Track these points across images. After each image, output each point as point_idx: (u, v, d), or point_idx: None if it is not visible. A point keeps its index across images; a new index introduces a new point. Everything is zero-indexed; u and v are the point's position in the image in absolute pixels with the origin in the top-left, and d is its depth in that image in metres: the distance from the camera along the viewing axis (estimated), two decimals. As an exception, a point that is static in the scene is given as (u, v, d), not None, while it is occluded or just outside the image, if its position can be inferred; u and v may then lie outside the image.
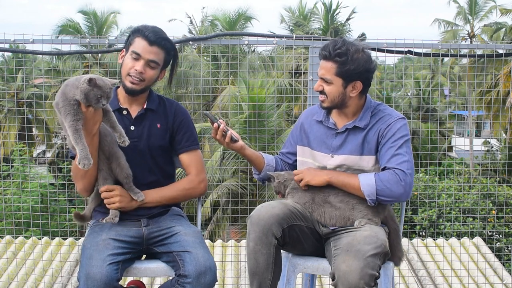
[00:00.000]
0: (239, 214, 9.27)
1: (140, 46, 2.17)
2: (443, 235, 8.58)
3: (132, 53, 2.17)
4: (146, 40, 2.17)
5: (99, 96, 1.93)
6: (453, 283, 4.56)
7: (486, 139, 19.19)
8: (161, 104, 2.31)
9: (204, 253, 2.01)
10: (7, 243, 5.10)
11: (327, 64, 2.14)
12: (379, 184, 2.04)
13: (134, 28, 2.25)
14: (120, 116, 2.23)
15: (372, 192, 2.05)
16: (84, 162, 1.94)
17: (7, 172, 10.19)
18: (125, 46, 2.24)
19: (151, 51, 2.17)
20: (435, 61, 22.74)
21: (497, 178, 11.54)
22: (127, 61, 2.19)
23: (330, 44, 2.14)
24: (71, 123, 1.95)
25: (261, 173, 2.38)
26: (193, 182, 2.28)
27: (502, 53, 3.60)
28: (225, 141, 2.22)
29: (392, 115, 2.19)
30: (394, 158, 2.08)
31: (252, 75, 13.82)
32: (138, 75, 2.16)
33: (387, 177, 2.05)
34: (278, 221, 2.03)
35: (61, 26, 20.42)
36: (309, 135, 2.31)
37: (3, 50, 3.58)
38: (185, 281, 1.95)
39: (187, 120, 2.33)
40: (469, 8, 22.54)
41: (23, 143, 13.92)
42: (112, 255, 1.96)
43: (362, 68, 2.12)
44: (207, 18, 21.66)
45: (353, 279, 1.84)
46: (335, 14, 22.55)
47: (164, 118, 2.29)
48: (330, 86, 2.15)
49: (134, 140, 2.19)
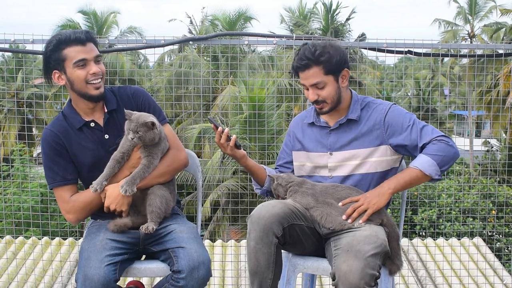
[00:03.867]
0: (239, 214, 9.27)
1: (77, 52, 2.06)
2: (443, 235, 8.58)
3: (76, 64, 2.06)
4: (77, 44, 2.07)
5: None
6: (453, 283, 4.56)
7: (486, 139, 19.20)
8: (116, 98, 2.22)
9: (197, 247, 2.00)
10: (7, 243, 5.10)
11: (313, 70, 2.16)
12: (436, 157, 2.09)
13: (49, 49, 2.09)
14: (90, 130, 2.15)
15: (437, 168, 2.09)
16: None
17: (7, 172, 10.18)
18: (55, 68, 2.10)
19: (90, 49, 2.10)
20: (435, 61, 22.76)
21: (497, 178, 11.53)
22: (76, 74, 2.07)
23: (304, 53, 2.15)
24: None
25: (265, 185, 2.36)
26: (174, 155, 2.21)
27: (502, 53, 3.60)
28: (229, 146, 2.21)
29: (384, 104, 2.24)
30: (423, 132, 2.14)
31: (252, 75, 13.83)
32: (96, 77, 2.10)
33: (437, 148, 2.10)
34: (279, 220, 2.03)
35: (61, 26, 20.39)
36: (303, 140, 2.34)
37: (3, 50, 3.58)
38: (179, 277, 1.94)
39: (146, 98, 2.25)
40: (469, 8, 22.54)
41: (23, 143, 13.93)
42: (109, 256, 1.95)
43: (342, 55, 2.17)
44: (207, 18, 21.65)
45: (353, 279, 1.84)
46: (335, 14, 22.51)
47: (127, 109, 2.19)
48: (326, 88, 2.17)
49: (114, 147, 2.15)
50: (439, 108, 22.17)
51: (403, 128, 2.17)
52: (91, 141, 2.15)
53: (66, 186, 2.14)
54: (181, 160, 2.24)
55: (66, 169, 2.13)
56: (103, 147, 2.16)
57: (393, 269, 2.10)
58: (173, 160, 2.20)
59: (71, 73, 2.09)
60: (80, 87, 2.10)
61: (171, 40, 3.45)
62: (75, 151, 2.14)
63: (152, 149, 2.12)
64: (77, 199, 2.13)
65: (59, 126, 2.16)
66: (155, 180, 2.14)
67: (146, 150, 2.12)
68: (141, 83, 16.67)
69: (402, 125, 2.17)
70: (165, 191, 2.16)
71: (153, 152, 2.12)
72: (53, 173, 2.13)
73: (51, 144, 2.13)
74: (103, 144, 2.15)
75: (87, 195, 2.12)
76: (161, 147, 2.15)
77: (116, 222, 2.08)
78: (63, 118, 2.18)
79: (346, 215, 2.10)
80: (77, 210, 2.13)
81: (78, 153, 2.14)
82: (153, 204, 2.09)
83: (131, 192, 2.05)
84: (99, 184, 2.07)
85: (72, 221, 2.15)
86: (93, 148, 2.15)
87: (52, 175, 2.13)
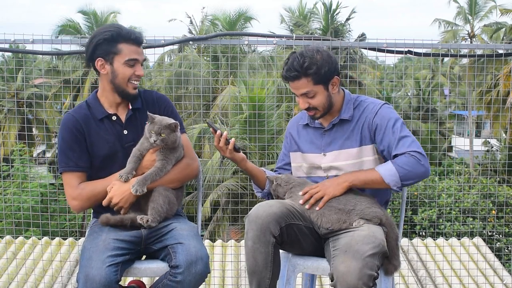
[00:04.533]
0: (239, 214, 9.27)
1: (132, 51, 2.15)
2: (443, 235, 8.58)
3: (127, 62, 2.14)
4: (134, 43, 2.15)
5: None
6: (453, 283, 4.56)
7: (486, 139, 19.19)
8: (141, 98, 2.28)
9: (196, 243, 2.01)
10: (7, 243, 5.10)
11: (302, 82, 2.16)
12: (401, 170, 2.07)
13: (105, 37, 2.12)
14: (111, 122, 2.21)
15: (397, 180, 2.08)
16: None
17: (7, 172, 10.19)
18: (102, 55, 2.14)
19: (141, 52, 2.20)
20: (435, 61, 22.76)
21: (497, 178, 11.53)
22: (123, 70, 2.14)
23: (292, 64, 2.16)
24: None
25: (265, 187, 2.36)
26: (187, 164, 2.25)
27: (502, 53, 3.60)
28: (228, 149, 2.21)
29: (375, 103, 2.23)
30: (401, 142, 2.11)
31: (252, 75, 13.82)
32: (138, 78, 2.18)
33: (406, 161, 2.07)
34: (276, 219, 2.03)
35: (61, 26, 20.40)
36: (298, 141, 2.35)
37: (3, 50, 3.58)
38: (176, 272, 1.94)
39: (169, 105, 2.32)
40: (469, 8, 22.53)
41: (23, 143, 13.93)
42: (111, 256, 1.95)
43: (332, 64, 2.17)
44: (207, 18, 21.65)
45: (351, 279, 1.84)
46: (335, 14, 22.50)
47: (150, 112, 2.25)
48: (316, 97, 2.18)
49: (131, 143, 2.19)
50: (439, 108, 22.16)
51: (387, 130, 2.15)
52: (110, 134, 2.20)
53: (77, 172, 2.17)
54: (193, 169, 2.28)
55: (80, 157, 2.17)
56: (120, 142, 2.20)
57: (390, 270, 2.09)
58: (185, 168, 2.24)
59: (118, 67, 2.15)
60: (121, 82, 2.17)
61: (171, 40, 3.45)
62: (93, 140, 2.18)
63: (168, 154, 2.16)
64: (85, 187, 2.16)
65: (82, 114, 2.21)
66: (165, 185, 2.18)
67: (162, 153, 2.15)
68: (141, 83, 16.64)
69: (386, 128, 2.15)
70: (171, 193, 2.18)
71: (168, 157, 2.16)
72: (67, 158, 2.16)
73: (71, 129, 2.17)
74: (121, 138, 2.20)
75: (96, 185, 2.15)
76: (177, 154, 2.20)
77: (110, 216, 2.10)
78: (86, 107, 2.23)
79: (303, 201, 2.14)
80: (83, 198, 2.16)
81: (95, 143, 2.18)
82: (156, 201, 2.11)
83: (141, 192, 2.08)
84: (128, 173, 2.11)
85: (75, 208, 2.17)
86: (110, 141, 2.19)
87: (66, 160, 2.16)
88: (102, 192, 2.14)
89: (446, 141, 22.07)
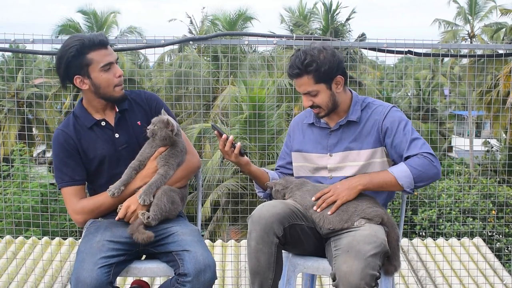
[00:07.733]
0: (239, 214, 9.28)
1: (103, 56, 2.10)
2: (443, 235, 8.58)
3: (103, 68, 2.09)
4: (101, 47, 2.10)
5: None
6: (453, 283, 4.56)
7: (486, 139, 19.19)
8: (128, 99, 2.26)
9: (203, 251, 2.00)
10: (7, 243, 5.10)
11: (303, 79, 2.16)
12: (414, 171, 2.06)
13: (71, 54, 2.07)
14: (101, 129, 2.19)
15: (410, 182, 2.08)
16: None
17: (7, 172, 10.18)
18: (77, 73, 2.10)
19: (111, 52, 2.14)
20: (435, 61, 22.75)
21: (497, 178, 11.52)
22: (102, 77, 2.10)
23: (294, 61, 2.15)
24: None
25: (267, 190, 2.36)
26: (188, 160, 2.25)
27: (502, 53, 3.60)
28: (233, 153, 2.20)
29: (384, 105, 2.23)
30: (413, 144, 2.11)
31: (253, 75, 13.82)
32: (121, 78, 2.15)
33: (419, 162, 2.07)
34: (279, 220, 2.03)
35: (61, 26, 20.41)
36: (302, 140, 2.34)
37: (3, 50, 3.58)
38: (185, 280, 1.94)
39: (160, 104, 2.30)
40: (469, 8, 22.54)
41: (23, 143, 13.91)
42: (104, 258, 1.94)
43: (334, 63, 2.15)
44: (207, 18, 21.66)
45: (354, 279, 1.84)
46: (335, 14, 22.50)
47: (139, 112, 2.26)
48: (318, 96, 2.18)
49: (124, 146, 2.19)
50: (439, 108, 22.15)
51: (398, 133, 2.15)
52: (102, 140, 2.19)
53: (74, 186, 2.17)
54: (195, 164, 2.29)
55: (74, 170, 2.17)
56: (113, 146, 2.19)
57: (391, 270, 2.09)
58: (187, 165, 2.25)
59: (97, 77, 2.11)
60: (107, 91, 2.14)
61: (171, 40, 3.45)
62: (86, 149, 2.17)
63: (169, 159, 2.16)
64: (87, 201, 2.18)
65: (71, 127, 2.20)
66: (171, 185, 2.19)
67: (163, 159, 2.15)
68: (141, 83, 16.66)
69: (397, 130, 2.15)
70: (176, 194, 2.18)
71: (170, 162, 2.16)
72: (62, 173, 2.17)
73: (62, 144, 2.17)
74: (113, 143, 2.19)
75: (97, 199, 2.17)
76: (179, 160, 2.20)
77: (142, 233, 2.07)
78: (73, 118, 2.22)
79: (316, 206, 2.12)
80: (86, 212, 2.17)
81: (89, 151, 2.18)
82: (159, 199, 2.12)
83: (149, 202, 2.09)
84: (117, 188, 2.11)
85: (79, 222, 2.18)
86: (104, 147, 2.18)
87: (61, 175, 2.17)
88: (105, 204, 2.15)
89: (446, 141, 22.06)
